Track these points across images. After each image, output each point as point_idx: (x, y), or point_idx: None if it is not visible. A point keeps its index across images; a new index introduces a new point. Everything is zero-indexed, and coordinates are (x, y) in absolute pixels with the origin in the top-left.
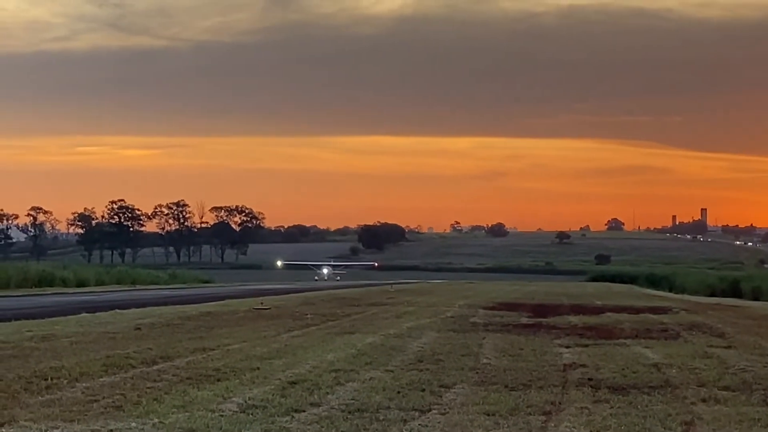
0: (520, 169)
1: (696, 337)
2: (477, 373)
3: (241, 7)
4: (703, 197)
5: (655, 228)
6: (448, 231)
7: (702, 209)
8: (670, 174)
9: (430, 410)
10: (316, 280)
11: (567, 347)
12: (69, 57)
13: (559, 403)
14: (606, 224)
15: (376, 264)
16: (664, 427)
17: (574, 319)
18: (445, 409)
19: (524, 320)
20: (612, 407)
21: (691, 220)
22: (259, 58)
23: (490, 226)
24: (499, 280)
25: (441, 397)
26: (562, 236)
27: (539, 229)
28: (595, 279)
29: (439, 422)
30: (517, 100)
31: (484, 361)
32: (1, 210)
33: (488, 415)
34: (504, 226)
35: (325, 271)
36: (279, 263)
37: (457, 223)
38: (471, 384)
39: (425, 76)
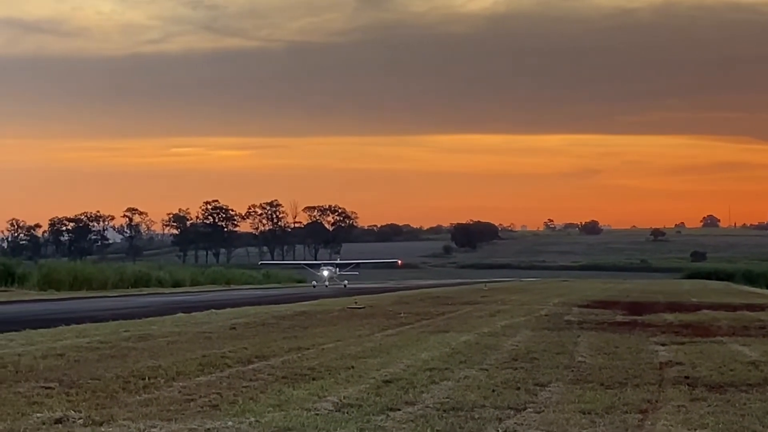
0: (614, 167)
1: None
2: (572, 371)
3: (333, 7)
4: None
5: (751, 224)
6: (541, 229)
7: None
8: (767, 169)
9: (525, 409)
10: (314, 286)
11: (663, 345)
12: (163, 59)
13: (656, 402)
14: (701, 221)
15: (400, 262)
16: (762, 426)
17: (669, 317)
18: (540, 408)
19: (619, 318)
20: (709, 405)
21: None
22: (351, 58)
23: (583, 223)
24: (594, 278)
25: (536, 395)
26: (657, 233)
27: (633, 226)
28: (690, 276)
29: (534, 421)
30: (610, 97)
31: (580, 359)
32: (98, 212)
33: (584, 413)
34: (598, 223)
35: (325, 273)
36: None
37: (551, 221)
38: (566, 382)
39: (518, 74)
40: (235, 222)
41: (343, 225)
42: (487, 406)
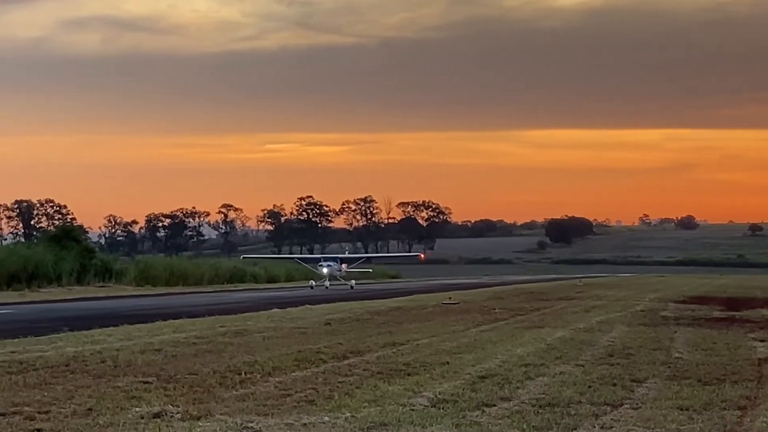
0: (712, 161)
1: None
2: (669, 367)
3: (427, 2)
4: None
5: None
6: (636, 224)
7: None
8: None
9: (621, 405)
10: (312, 287)
11: (761, 341)
12: (258, 56)
13: (755, 398)
14: None
15: (422, 255)
16: None
17: None
18: (637, 404)
19: (716, 314)
20: None
21: None
22: (445, 54)
23: (679, 218)
24: (690, 274)
25: (633, 391)
26: (755, 228)
27: (730, 221)
28: None
29: (631, 417)
30: (708, 91)
31: (676, 355)
32: (193, 208)
33: (681, 409)
34: (694, 218)
35: (324, 270)
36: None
37: (646, 215)
38: (663, 378)
39: (613, 68)
40: (329, 218)
41: (436, 221)
42: (583, 402)
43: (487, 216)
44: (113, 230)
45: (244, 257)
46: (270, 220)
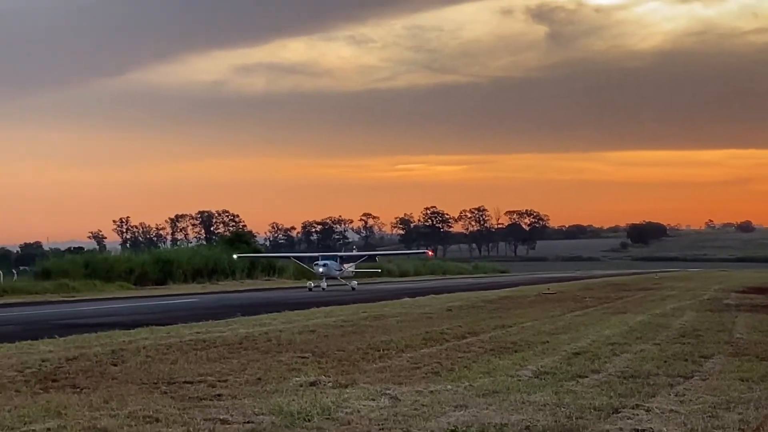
0: (766, 175)
1: None
2: (731, 346)
3: (530, 48)
4: None
5: None
6: (702, 228)
7: None
8: None
9: (692, 377)
10: (310, 289)
11: None
12: (392, 93)
13: None
14: None
15: (430, 252)
16: None
17: None
18: (705, 376)
19: None
20: None
21: None
22: (544, 89)
23: (739, 223)
24: (748, 269)
25: (701, 365)
26: None
27: None
28: None
29: (700, 386)
30: (762, 116)
31: (737, 335)
32: (340, 216)
33: (742, 380)
34: (751, 223)
35: (321, 269)
36: (235, 257)
37: (711, 221)
38: (726, 355)
39: (682, 99)
40: (450, 224)
41: (537, 225)
42: (660, 374)
43: (579, 221)
44: (276, 234)
45: (236, 256)
46: (401, 225)
